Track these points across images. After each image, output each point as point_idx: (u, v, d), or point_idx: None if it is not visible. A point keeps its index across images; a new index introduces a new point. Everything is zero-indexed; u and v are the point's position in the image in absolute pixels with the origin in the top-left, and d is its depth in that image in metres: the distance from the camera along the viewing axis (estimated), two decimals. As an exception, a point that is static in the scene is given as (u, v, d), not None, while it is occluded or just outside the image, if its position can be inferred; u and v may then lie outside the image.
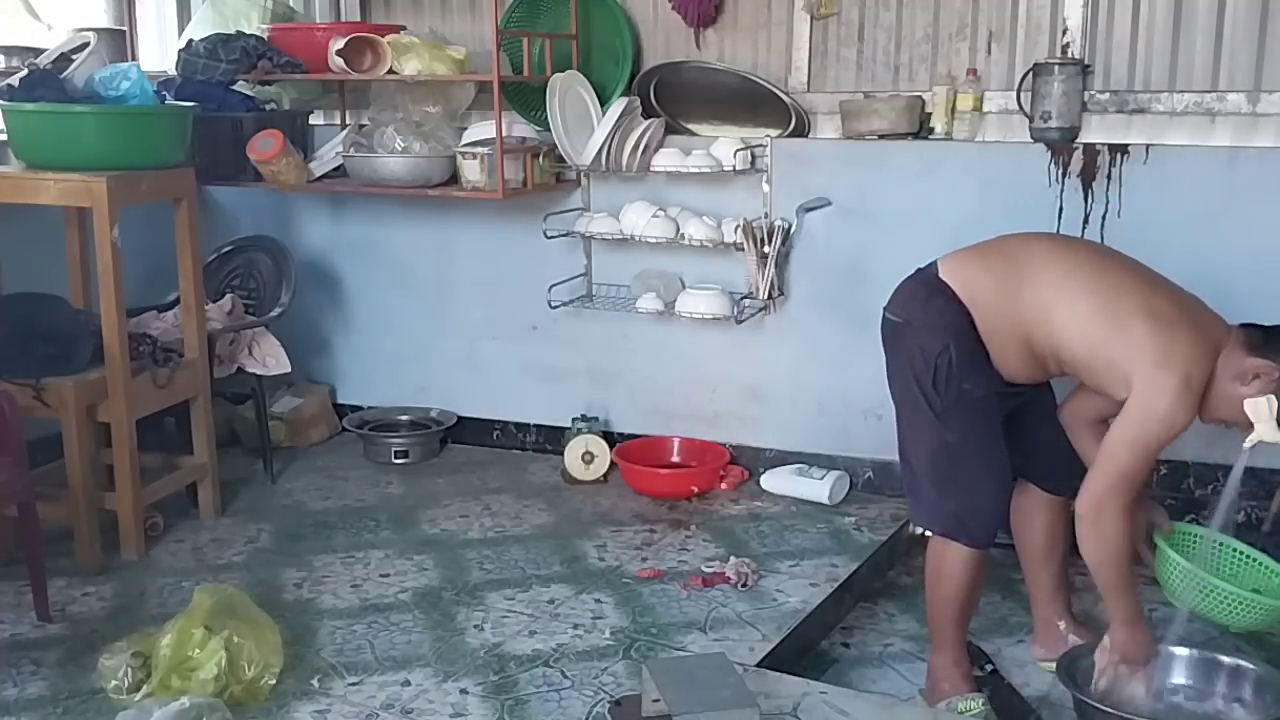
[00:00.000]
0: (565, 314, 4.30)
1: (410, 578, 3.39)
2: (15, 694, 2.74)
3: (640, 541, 3.64)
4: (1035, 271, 2.70)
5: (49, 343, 3.42)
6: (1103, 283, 2.67)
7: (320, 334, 4.77)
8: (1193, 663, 2.80)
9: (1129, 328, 2.56)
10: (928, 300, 2.74)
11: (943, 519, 2.79)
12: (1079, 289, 2.66)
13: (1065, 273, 2.69)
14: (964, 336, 2.69)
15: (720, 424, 4.22)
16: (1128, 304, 2.60)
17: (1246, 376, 2.55)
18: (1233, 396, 2.57)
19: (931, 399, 2.71)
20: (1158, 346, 2.53)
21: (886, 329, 2.83)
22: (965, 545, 2.76)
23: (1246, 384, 2.55)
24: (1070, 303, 2.65)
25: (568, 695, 2.72)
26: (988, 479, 2.75)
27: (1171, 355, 2.52)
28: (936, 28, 3.87)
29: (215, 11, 4.46)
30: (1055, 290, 2.67)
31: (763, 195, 3.96)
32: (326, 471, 4.33)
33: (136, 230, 3.57)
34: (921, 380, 2.71)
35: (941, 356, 2.68)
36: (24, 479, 3.04)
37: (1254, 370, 2.54)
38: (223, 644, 2.63)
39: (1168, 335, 2.54)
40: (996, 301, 2.69)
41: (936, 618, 2.88)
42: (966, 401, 2.70)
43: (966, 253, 2.81)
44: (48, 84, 3.49)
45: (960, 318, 2.69)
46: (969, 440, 2.72)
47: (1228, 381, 2.57)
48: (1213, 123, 3.56)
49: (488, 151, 3.92)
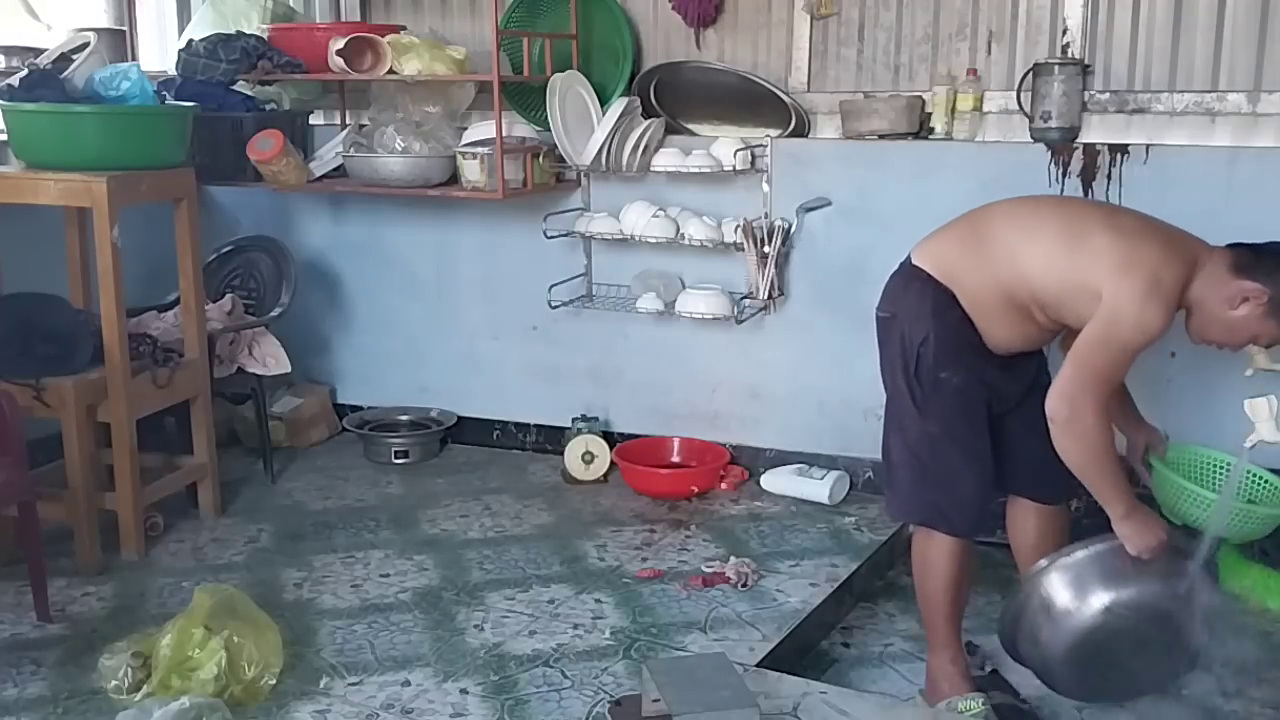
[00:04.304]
0: (565, 314, 4.30)
1: (410, 578, 3.39)
2: (15, 694, 2.74)
3: (640, 541, 3.64)
4: (998, 226, 2.74)
5: (49, 343, 3.42)
6: (1063, 214, 2.72)
7: (320, 334, 4.77)
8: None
9: (1091, 243, 2.58)
10: (906, 288, 2.78)
11: (920, 509, 2.83)
12: (1041, 225, 2.70)
13: (1027, 217, 2.74)
14: (946, 318, 2.71)
15: (720, 424, 4.22)
16: (1089, 224, 2.62)
17: (1234, 300, 2.55)
18: (1224, 320, 2.58)
19: (913, 389, 2.75)
20: (1120, 252, 2.54)
21: (878, 327, 2.86)
22: (946, 534, 2.79)
23: (1235, 307, 2.56)
24: (1034, 240, 2.67)
25: (568, 695, 2.72)
26: (966, 470, 2.76)
27: (1135, 258, 2.52)
28: (936, 28, 3.87)
29: (215, 11, 4.46)
30: (1019, 234, 2.70)
31: (763, 195, 3.97)
32: (326, 471, 4.33)
33: (136, 230, 3.57)
34: (906, 370, 2.75)
35: (924, 345, 2.71)
36: (24, 479, 3.04)
37: (1242, 293, 2.55)
38: (223, 644, 2.63)
39: (1130, 242, 2.55)
40: (969, 267, 2.71)
41: (928, 613, 2.90)
42: (945, 391, 2.72)
43: (933, 235, 2.85)
44: (48, 84, 3.49)
45: (941, 298, 2.71)
46: (948, 431, 2.75)
47: (1216, 304, 2.57)
48: (1213, 123, 3.56)
49: (488, 151, 3.92)
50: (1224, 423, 3.32)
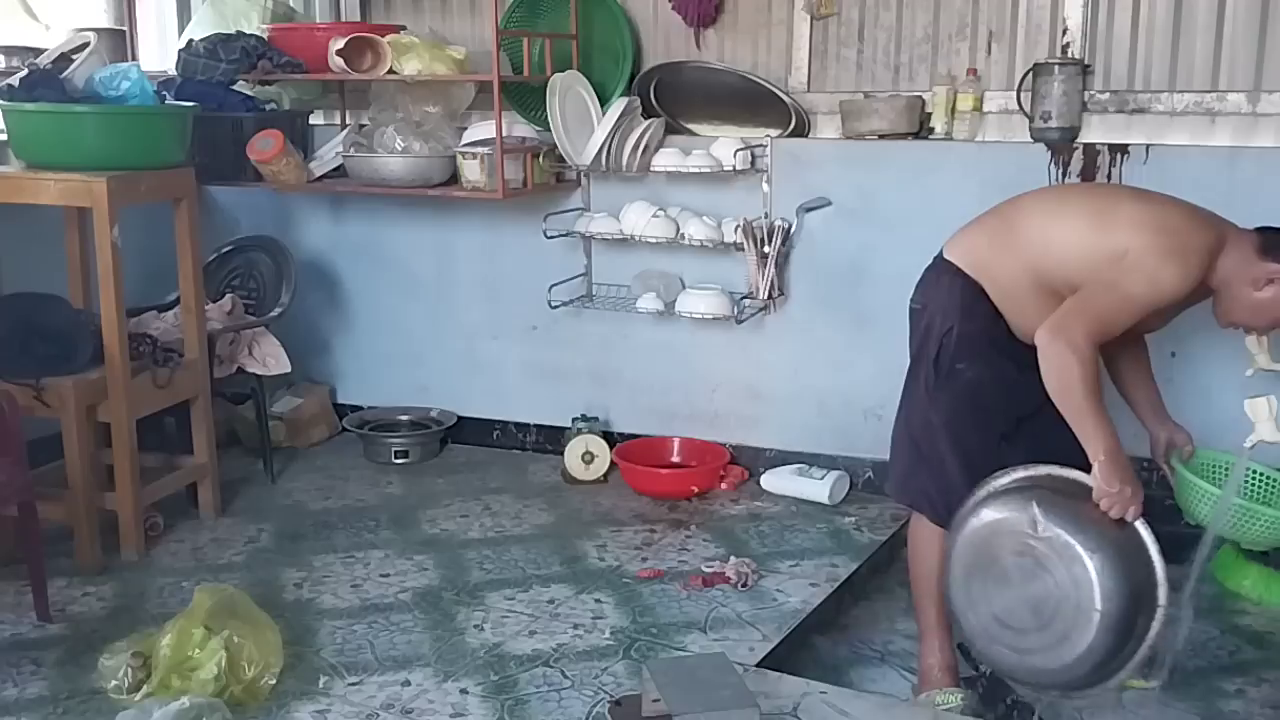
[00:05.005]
0: (565, 314, 4.30)
1: (410, 578, 3.39)
2: (15, 694, 2.74)
3: (640, 541, 3.64)
4: (1026, 215, 2.76)
5: (49, 343, 3.42)
6: (1091, 194, 2.76)
7: (320, 334, 4.77)
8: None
9: (1120, 211, 2.61)
10: (938, 281, 2.81)
11: (911, 492, 2.88)
12: (1068, 208, 2.72)
13: (1055, 201, 2.77)
14: (973, 311, 2.73)
15: (720, 424, 4.22)
16: (1118, 198, 2.65)
17: (1260, 281, 2.58)
18: (1250, 301, 2.61)
19: (929, 376, 2.78)
20: (1150, 215, 2.58)
21: (910, 317, 2.89)
22: (933, 522, 2.82)
23: (1260, 289, 2.58)
24: (1063, 221, 2.69)
25: (568, 695, 2.72)
26: (956, 464, 2.76)
27: (1165, 223, 2.56)
28: (936, 28, 3.87)
29: (215, 11, 4.46)
30: (1047, 217, 2.72)
31: (763, 195, 3.96)
32: (326, 471, 4.33)
33: (136, 230, 3.57)
34: (928, 357, 2.78)
35: (947, 335, 2.74)
36: (24, 479, 3.04)
37: (1268, 275, 2.57)
38: (223, 644, 2.63)
39: (1161, 209, 2.59)
40: (999, 258, 2.73)
41: (918, 597, 2.93)
42: (958, 382, 2.74)
43: (964, 228, 2.87)
44: (48, 84, 3.49)
45: (969, 292, 2.73)
46: (950, 422, 2.76)
47: (1242, 285, 2.60)
48: (1213, 123, 3.57)
49: (488, 151, 3.92)
50: (1224, 423, 3.32)
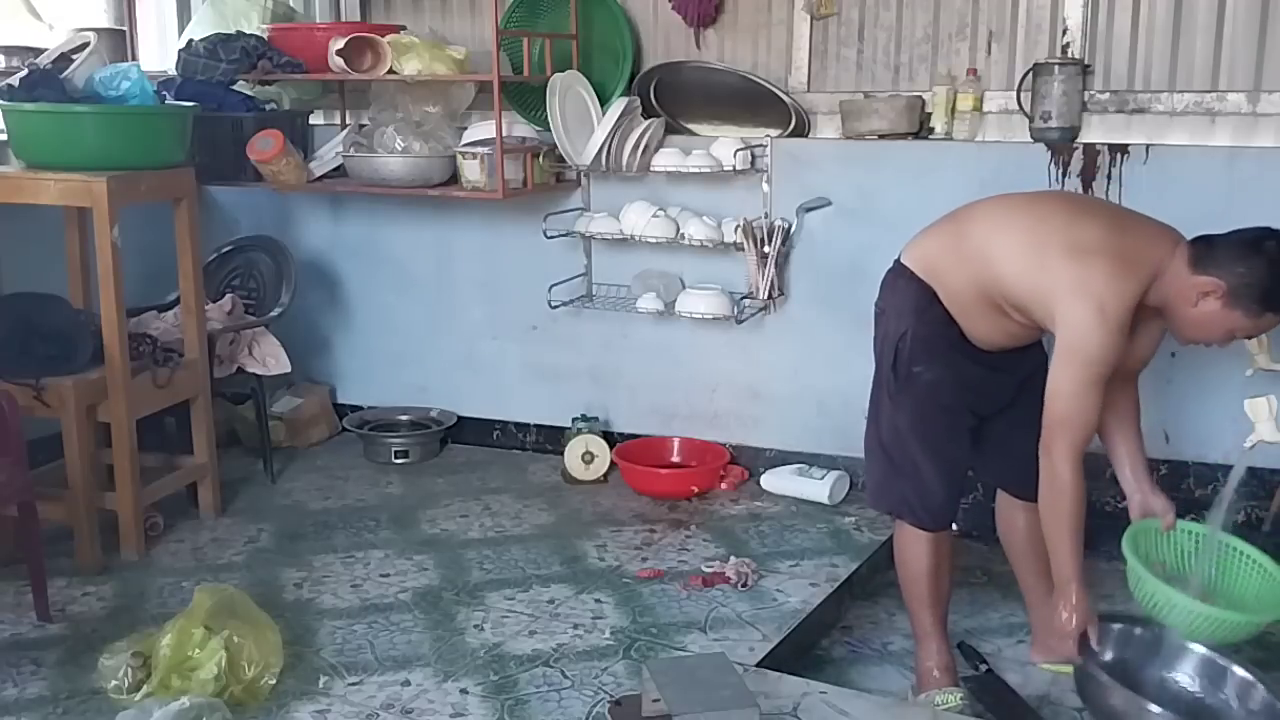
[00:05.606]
0: (565, 314, 4.30)
1: (410, 578, 3.39)
2: (15, 694, 2.74)
3: (640, 541, 3.64)
4: (974, 223, 2.76)
5: (49, 343, 3.42)
6: (1031, 214, 2.71)
7: (320, 334, 4.77)
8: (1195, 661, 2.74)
9: (1049, 259, 2.58)
10: (894, 285, 2.83)
11: (890, 499, 2.89)
12: (1009, 225, 2.71)
13: (999, 215, 2.75)
14: (926, 314, 2.74)
15: (720, 424, 4.22)
16: (1050, 235, 2.60)
17: (1193, 297, 2.52)
18: (1190, 318, 2.56)
19: (889, 381, 2.80)
20: (1073, 275, 2.53)
21: (875, 321, 2.91)
22: (915, 527, 2.83)
23: (1195, 304, 2.53)
24: (1003, 240, 2.68)
25: (568, 695, 2.72)
26: (930, 467, 2.79)
27: (1086, 284, 2.51)
28: (936, 28, 3.87)
29: (215, 11, 4.46)
30: (991, 230, 2.72)
31: (763, 195, 3.96)
32: (326, 471, 4.33)
33: (136, 230, 3.57)
34: (886, 362, 2.80)
35: (902, 340, 2.76)
36: (24, 479, 3.04)
37: (1198, 289, 2.52)
38: (223, 644, 2.63)
39: (1083, 263, 2.53)
40: (948, 266, 2.74)
41: (910, 603, 2.94)
42: (917, 385, 2.76)
43: (921, 233, 2.88)
44: (48, 84, 3.49)
45: (922, 296, 2.75)
46: (916, 425, 2.78)
47: (1179, 304, 2.55)
48: (1213, 123, 3.56)
49: (488, 151, 3.92)
50: (1224, 423, 3.33)
